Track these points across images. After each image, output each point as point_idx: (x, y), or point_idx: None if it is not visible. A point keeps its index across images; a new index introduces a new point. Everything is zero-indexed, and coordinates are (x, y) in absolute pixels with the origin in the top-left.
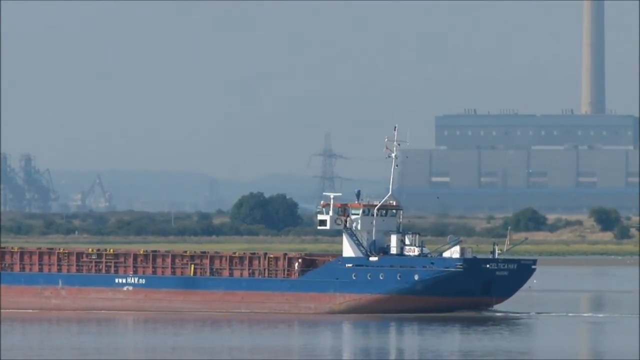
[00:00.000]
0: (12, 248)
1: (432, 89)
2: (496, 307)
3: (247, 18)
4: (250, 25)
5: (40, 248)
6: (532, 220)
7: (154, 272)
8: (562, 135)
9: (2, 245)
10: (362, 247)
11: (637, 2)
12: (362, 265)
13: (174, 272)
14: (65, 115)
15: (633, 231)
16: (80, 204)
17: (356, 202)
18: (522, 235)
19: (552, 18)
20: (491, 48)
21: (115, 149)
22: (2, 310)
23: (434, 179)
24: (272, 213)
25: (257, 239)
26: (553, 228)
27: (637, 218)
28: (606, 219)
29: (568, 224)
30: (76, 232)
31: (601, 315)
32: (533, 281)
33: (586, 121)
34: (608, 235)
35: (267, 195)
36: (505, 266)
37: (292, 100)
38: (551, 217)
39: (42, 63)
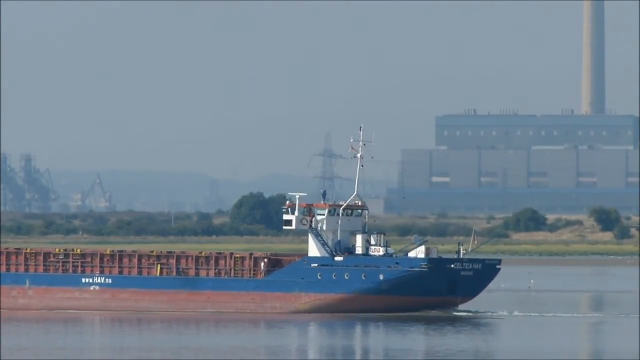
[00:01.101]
0: None
1: (432, 89)
2: (499, 311)
3: (247, 18)
4: (250, 25)
5: (7, 248)
6: (532, 220)
7: (121, 272)
8: (562, 135)
9: None
10: (328, 247)
11: (637, 2)
12: (327, 265)
13: (140, 272)
14: (66, 115)
15: (633, 231)
16: (80, 204)
17: (321, 202)
18: (522, 235)
19: (552, 18)
20: (491, 48)
21: (115, 149)
22: None
23: (434, 179)
24: (272, 213)
25: (257, 239)
26: (553, 228)
27: (637, 218)
28: (606, 219)
29: (568, 224)
30: (80, 232)
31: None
32: (530, 281)
33: (586, 121)
34: (608, 235)
35: (267, 195)
36: (470, 266)
37: (292, 100)
38: (551, 217)
39: (42, 63)
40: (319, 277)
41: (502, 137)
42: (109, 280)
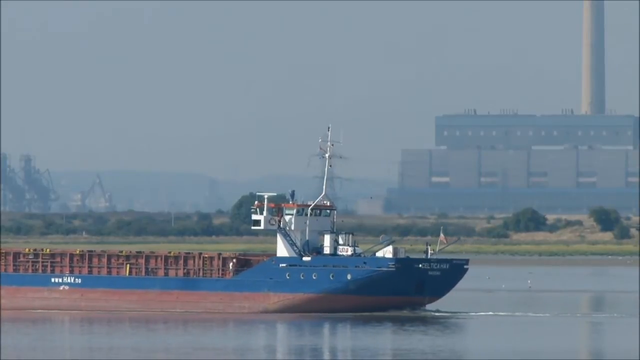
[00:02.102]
0: None
1: (432, 89)
2: (497, 310)
3: (247, 18)
4: (250, 25)
5: None
6: (532, 220)
7: (90, 272)
8: (562, 135)
9: None
10: (296, 247)
11: (637, 2)
12: (295, 265)
13: (109, 272)
14: (66, 115)
15: (633, 231)
16: (80, 204)
17: (290, 202)
18: (522, 235)
19: (552, 18)
20: (491, 48)
21: (115, 149)
22: None
23: (434, 179)
24: None
25: (257, 239)
26: (553, 228)
27: (637, 218)
28: (606, 219)
29: (568, 224)
30: (83, 233)
31: (547, 314)
32: (528, 281)
33: (586, 121)
34: (608, 235)
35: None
36: (438, 266)
37: (292, 100)
38: (551, 217)
39: (42, 63)
40: (287, 277)
41: (502, 137)
42: (79, 280)
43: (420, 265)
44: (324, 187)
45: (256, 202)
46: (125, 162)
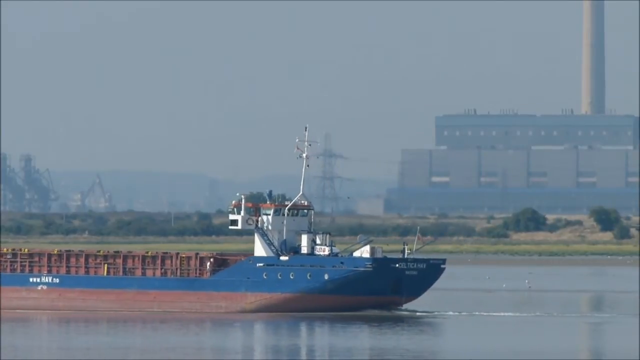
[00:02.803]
0: None
1: (432, 89)
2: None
3: (247, 18)
4: (250, 25)
5: None
6: (532, 220)
7: (68, 272)
8: (562, 135)
9: None
10: (273, 246)
11: (637, 2)
12: (272, 265)
13: (87, 272)
14: (66, 116)
15: (633, 231)
16: (80, 204)
17: (267, 202)
18: (522, 235)
19: (552, 18)
20: (491, 48)
21: (115, 149)
22: None
23: (434, 179)
24: None
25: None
26: (553, 228)
27: (637, 218)
28: (606, 219)
29: (568, 224)
30: (86, 233)
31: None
32: (525, 281)
33: (586, 121)
34: (608, 235)
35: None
36: (415, 266)
37: (292, 100)
38: (551, 217)
39: (42, 63)
40: (265, 277)
41: (502, 137)
42: (57, 280)
43: (397, 265)
44: (301, 187)
45: (233, 202)
46: (125, 162)
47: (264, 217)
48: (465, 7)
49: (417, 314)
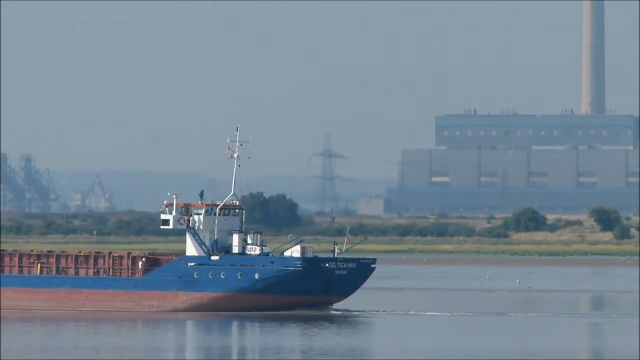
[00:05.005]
0: None
1: (432, 89)
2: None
3: (247, 18)
4: (250, 25)
5: None
6: (532, 220)
7: (2, 271)
8: (562, 135)
9: None
10: (205, 246)
11: (637, 2)
12: (203, 264)
13: (21, 271)
14: (66, 115)
15: (633, 231)
16: (80, 204)
17: (199, 201)
18: (522, 235)
19: (552, 18)
20: (491, 48)
21: (115, 149)
22: None
23: (434, 179)
24: (272, 213)
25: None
26: (553, 228)
27: (637, 218)
28: (606, 219)
29: (568, 224)
30: (94, 233)
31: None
32: (516, 282)
33: (586, 121)
34: (608, 236)
35: (267, 195)
36: (345, 265)
37: (292, 100)
38: (551, 217)
39: (42, 63)
40: (196, 277)
41: (502, 137)
42: None
43: (327, 265)
44: (232, 187)
45: (165, 202)
46: (125, 162)
47: (195, 217)
48: (465, 7)
49: (350, 313)
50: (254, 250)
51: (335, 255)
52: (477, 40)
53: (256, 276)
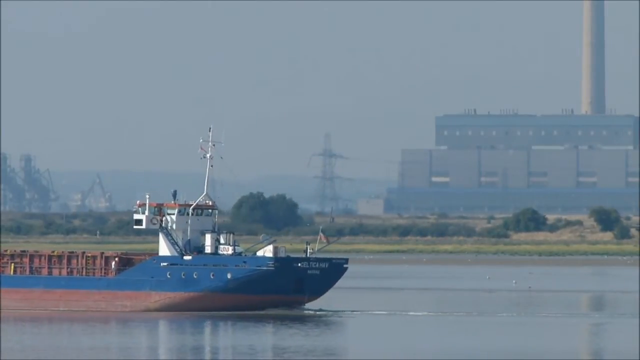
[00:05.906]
0: None
1: (432, 89)
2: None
3: (246, 18)
4: (250, 25)
5: None
6: (532, 220)
7: None
8: (562, 135)
9: None
10: (178, 246)
11: (637, 2)
12: (176, 264)
13: None
14: (66, 115)
15: (633, 231)
16: (80, 204)
17: (172, 201)
18: (522, 235)
19: (552, 18)
20: (491, 48)
21: (115, 149)
22: None
23: (434, 179)
24: (272, 213)
25: (257, 239)
26: (553, 228)
27: (637, 218)
28: (606, 219)
29: (568, 224)
30: (97, 233)
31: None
32: (513, 282)
33: (586, 121)
34: (608, 236)
35: (267, 195)
36: (317, 265)
37: (292, 100)
38: (551, 217)
39: (42, 63)
40: (169, 276)
41: (502, 137)
42: None
43: (299, 264)
44: (205, 187)
45: (138, 202)
46: (125, 162)
47: (168, 217)
48: (465, 7)
49: (320, 312)
50: (226, 250)
51: (308, 255)
52: (477, 40)
53: (229, 276)
